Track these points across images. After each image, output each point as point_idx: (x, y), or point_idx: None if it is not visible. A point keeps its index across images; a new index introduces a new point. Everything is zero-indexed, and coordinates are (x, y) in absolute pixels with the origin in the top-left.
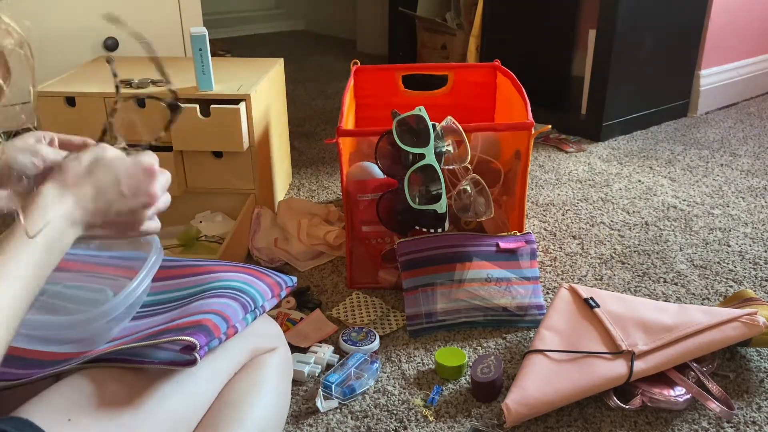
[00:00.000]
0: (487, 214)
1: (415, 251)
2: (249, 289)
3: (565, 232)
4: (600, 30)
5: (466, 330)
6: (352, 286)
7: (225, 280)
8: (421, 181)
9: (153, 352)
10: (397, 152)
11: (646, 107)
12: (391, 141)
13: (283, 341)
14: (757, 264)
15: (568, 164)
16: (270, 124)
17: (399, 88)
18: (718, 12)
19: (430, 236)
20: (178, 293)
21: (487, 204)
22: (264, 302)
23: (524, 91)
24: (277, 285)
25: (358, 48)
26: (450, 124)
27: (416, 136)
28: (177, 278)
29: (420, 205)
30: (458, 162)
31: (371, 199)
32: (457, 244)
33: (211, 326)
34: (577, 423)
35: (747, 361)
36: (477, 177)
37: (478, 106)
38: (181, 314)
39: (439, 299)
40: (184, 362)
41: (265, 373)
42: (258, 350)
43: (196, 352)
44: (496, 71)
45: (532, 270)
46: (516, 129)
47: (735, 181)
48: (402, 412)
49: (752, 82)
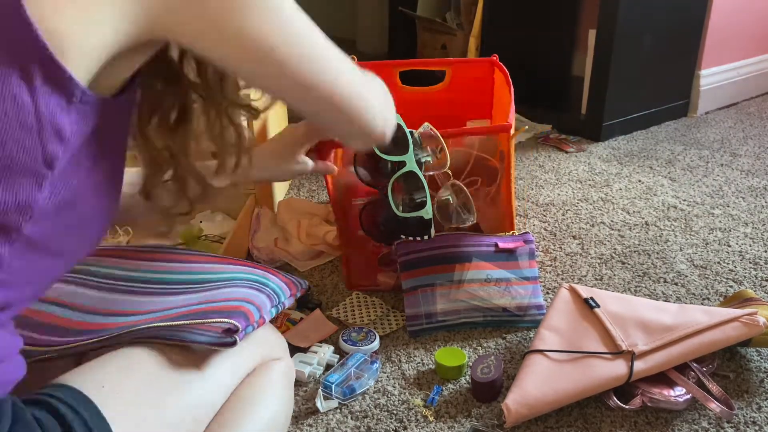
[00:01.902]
0: (469, 219)
1: (413, 251)
2: (270, 282)
3: (565, 232)
4: (600, 30)
5: (466, 330)
6: (350, 288)
7: (247, 273)
8: (404, 189)
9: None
10: (375, 162)
11: (646, 107)
12: (368, 151)
13: (287, 353)
14: (757, 264)
15: (568, 164)
16: (270, 124)
17: (397, 85)
18: (718, 12)
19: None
20: (203, 275)
21: (469, 209)
22: (284, 299)
23: (512, 89)
24: (293, 284)
25: (358, 48)
26: (428, 131)
27: (395, 144)
28: (199, 263)
29: (404, 212)
30: (438, 168)
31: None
32: (455, 244)
33: (247, 313)
34: (577, 423)
35: (747, 361)
36: (457, 182)
37: (476, 101)
38: (212, 297)
39: (439, 300)
40: (224, 343)
41: (273, 378)
42: (267, 357)
43: (236, 335)
44: (494, 66)
45: (531, 270)
46: (492, 132)
47: (735, 181)
48: (402, 412)
49: (752, 82)
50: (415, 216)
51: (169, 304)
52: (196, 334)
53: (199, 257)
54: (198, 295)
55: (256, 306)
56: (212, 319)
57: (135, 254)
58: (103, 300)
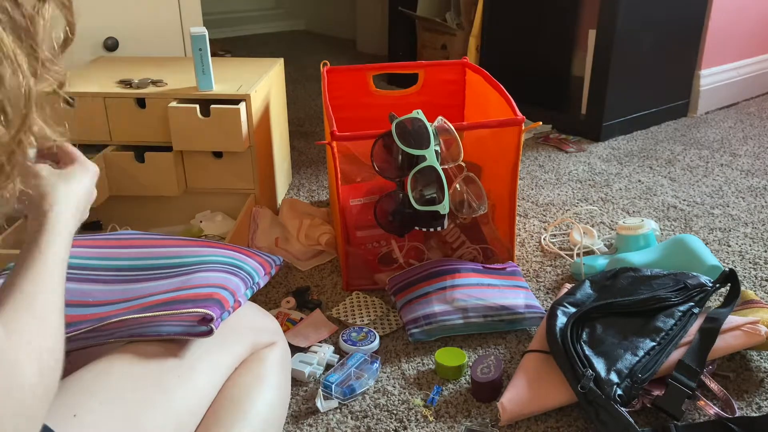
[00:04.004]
0: (481, 209)
1: (403, 279)
2: (244, 265)
3: (565, 231)
4: (600, 30)
5: (466, 330)
6: (348, 289)
7: (219, 255)
8: (421, 183)
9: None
10: (392, 155)
11: (646, 107)
12: (386, 143)
13: (281, 336)
14: (757, 264)
15: (568, 164)
16: (270, 124)
17: (370, 88)
18: (718, 12)
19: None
20: (175, 260)
21: (481, 199)
22: (258, 279)
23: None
24: (267, 263)
25: (357, 48)
26: (442, 124)
27: (414, 138)
28: (171, 247)
29: (421, 205)
30: (451, 161)
31: (364, 203)
32: (444, 264)
33: (221, 299)
34: (577, 423)
35: (747, 361)
36: (470, 174)
37: (449, 103)
38: (185, 283)
39: (435, 303)
40: (199, 333)
41: (267, 368)
42: (257, 345)
43: (212, 323)
44: (465, 68)
45: (521, 282)
46: (505, 125)
47: (735, 181)
48: (402, 412)
49: (752, 82)
50: (432, 210)
51: (140, 292)
52: (170, 325)
53: (171, 241)
54: (170, 281)
55: (230, 291)
56: (186, 309)
57: (104, 242)
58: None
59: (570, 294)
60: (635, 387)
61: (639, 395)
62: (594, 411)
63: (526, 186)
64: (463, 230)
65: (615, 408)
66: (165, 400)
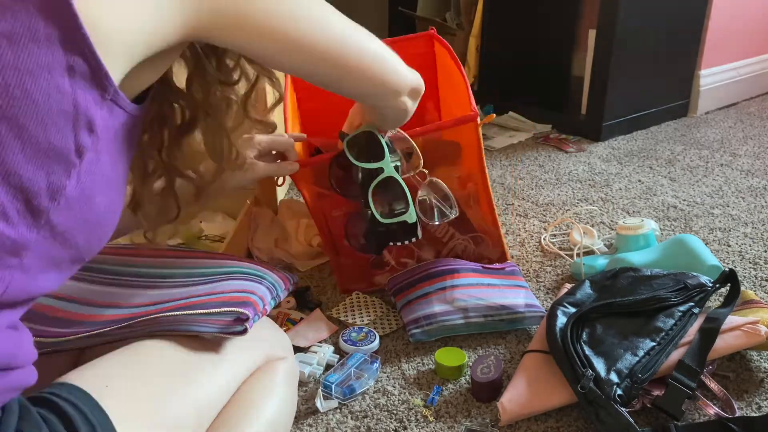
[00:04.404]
0: (452, 213)
1: (403, 279)
2: (267, 276)
3: (565, 231)
4: (600, 30)
5: (467, 330)
6: (344, 294)
7: (243, 267)
8: (385, 196)
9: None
10: (351, 174)
11: (646, 107)
12: (341, 164)
13: (291, 352)
14: (757, 264)
15: (568, 164)
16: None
17: None
18: (718, 12)
19: (414, 267)
20: (205, 270)
21: (450, 203)
22: (280, 292)
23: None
24: (286, 279)
25: None
26: (397, 133)
27: (369, 152)
28: (197, 258)
29: (387, 219)
30: (412, 170)
31: (345, 212)
32: (442, 264)
33: (253, 302)
34: (577, 423)
35: (747, 361)
36: (434, 179)
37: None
38: (216, 289)
39: (436, 303)
40: (234, 332)
41: (276, 378)
42: (271, 356)
43: (246, 323)
44: (433, 40)
45: (520, 282)
46: (461, 123)
47: (735, 181)
48: (402, 412)
49: (752, 82)
50: (399, 221)
51: (173, 296)
52: (204, 324)
53: (200, 254)
54: (202, 287)
55: (259, 296)
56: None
57: (137, 252)
58: (106, 293)
59: (570, 294)
60: (635, 387)
61: (639, 395)
62: (594, 411)
63: (526, 186)
64: (450, 223)
65: (615, 408)
66: (190, 390)
